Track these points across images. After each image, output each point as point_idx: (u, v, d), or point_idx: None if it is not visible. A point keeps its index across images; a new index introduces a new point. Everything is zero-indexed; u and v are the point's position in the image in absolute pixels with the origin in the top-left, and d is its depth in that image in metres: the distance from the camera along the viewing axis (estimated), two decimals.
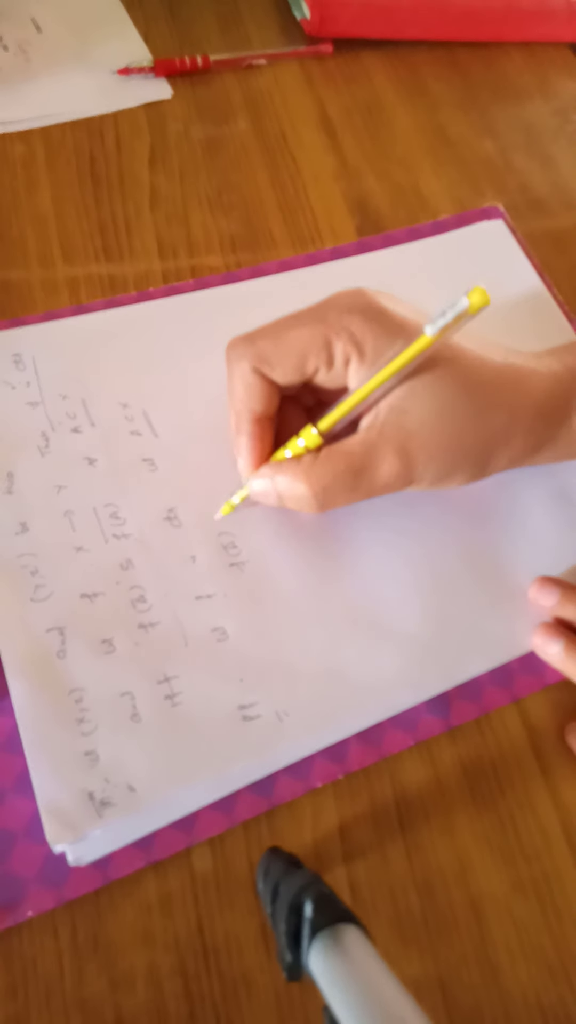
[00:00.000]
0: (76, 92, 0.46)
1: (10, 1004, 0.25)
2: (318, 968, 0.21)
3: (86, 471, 0.33)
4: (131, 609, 0.30)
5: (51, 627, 0.30)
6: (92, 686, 0.29)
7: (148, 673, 0.29)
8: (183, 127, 0.46)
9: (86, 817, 0.26)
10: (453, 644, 0.31)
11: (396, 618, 0.31)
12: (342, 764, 0.29)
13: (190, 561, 0.32)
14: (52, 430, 0.34)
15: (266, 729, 0.29)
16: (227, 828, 0.28)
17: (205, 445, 0.34)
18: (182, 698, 0.29)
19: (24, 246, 0.40)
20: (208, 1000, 0.26)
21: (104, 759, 0.27)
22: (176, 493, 0.33)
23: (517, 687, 0.31)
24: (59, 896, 0.26)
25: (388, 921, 0.27)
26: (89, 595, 0.31)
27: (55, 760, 0.27)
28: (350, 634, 0.31)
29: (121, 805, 0.27)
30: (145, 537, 0.32)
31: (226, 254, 0.41)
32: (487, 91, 0.50)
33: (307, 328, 0.28)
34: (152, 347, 0.37)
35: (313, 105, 0.48)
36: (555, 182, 0.46)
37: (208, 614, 0.31)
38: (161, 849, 0.27)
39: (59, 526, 0.32)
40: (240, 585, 0.31)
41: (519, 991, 0.26)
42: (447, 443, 0.28)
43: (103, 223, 0.42)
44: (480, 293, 0.25)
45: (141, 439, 0.34)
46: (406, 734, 0.30)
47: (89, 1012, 0.25)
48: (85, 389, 0.35)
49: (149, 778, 0.27)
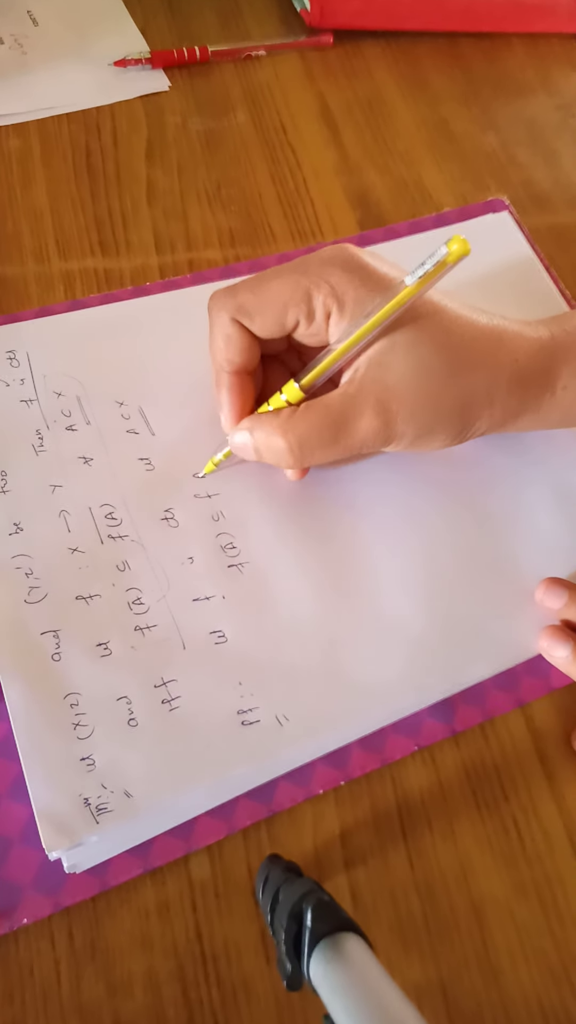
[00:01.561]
0: (72, 85, 0.46)
1: (7, 1010, 0.25)
2: (319, 977, 0.20)
3: (81, 470, 0.33)
4: (128, 611, 0.30)
5: (46, 630, 0.29)
6: (88, 690, 0.28)
7: (145, 677, 0.29)
8: (181, 120, 0.45)
9: (82, 823, 0.26)
10: (457, 648, 0.31)
11: (399, 621, 0.31)
12: (343, 770, 0.29)
13: (188, 562, 0.31)
14: (47, 428, 0.34)
15: (265, 734, 0.28)
16: (226, 835, 0.27)
17: (203, 443, 0.34)
18: (180, 702, 0.28)
19: (19, 241, 0.40)
20: (207, 1006, 0.25)
21: (100, 764, 0.27)
22: (173, 493, 0.33)
23: (522, 691, 0.31)
24: (55, 903, 0.26)
25: (389, 925, 0.27)
26: (85, 597, 0.30)
27: (51, 765, 0.27)
28: (352, 637, 0.30)
29: (118, 811, 0.26)
30: (142, 538, 0.32)
31: (225, 248, 0.41)
32: (489, 84, 0.50)
33: (288, 280, 0.28)
34: (148, 343, 0.36)
35: (313, 98, 0.48)
36: (558, 177, 0.46)
37: (206, 616, 0.30)
38: (159, 856, 0.27)
39: (54, 526, 0.31)
40: (239, 587, 0.31)
41: (521, 994, 0.26)
42: (425, 400, 0.28)
43: (99, 217, 0.41)
44: (460, 242, 0.25)
45: (138, 437, 0.34)
46: (409, 739, 0.29)
47: (87, 1018, 0.25)
48: (80, 386, 0.35)
49: (146, 784, 0.27)
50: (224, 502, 0.33)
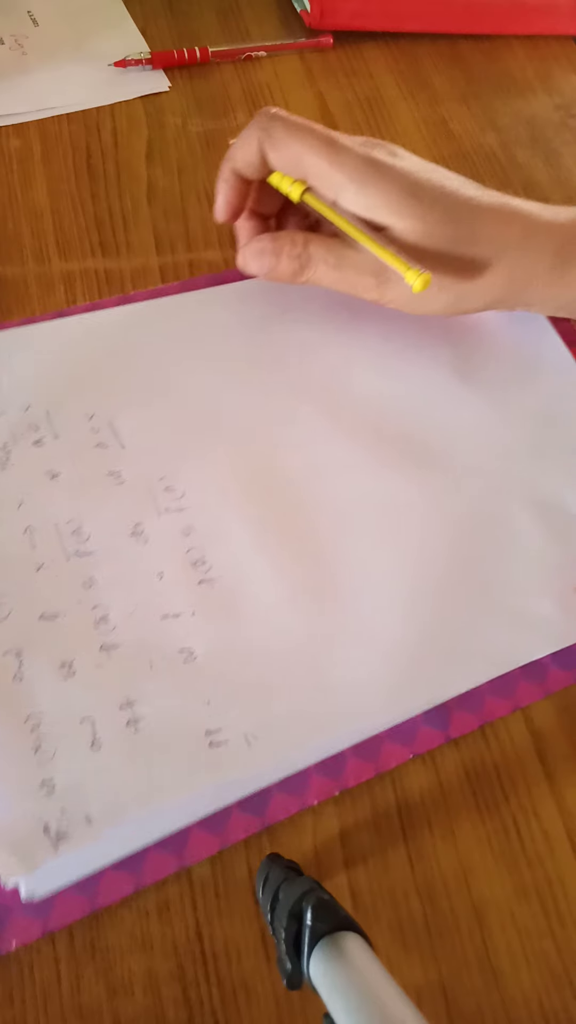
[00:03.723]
0: (72, 85, 0.46)
1: (7, 1010, 0.25)
2: (319, 976, 0.20)
3: (48, 485, 0.32)
4: (93, 630, 0.29)
5: (8, 649, 0.28)
6: (50, 712, 0.27)
7: (110, 697, 0.28)
8: (181, 121, 0.45)
9: (41, 850, 0.25)
10: (438, 659, 0.30)
11: (377, 635, 0.30)
12: (338, 780, 0.28)
13: (157, 578, 0.30)
14: (13, 442, 0.33)
15: (233, 755, 0.27)
16: (219, 849, 0.27)
17: (175, 456, 0.33)
18: (145, 724, 0.28)
19: (20, 241, 0.40)
20: (207, 1006, 0.25)
21: (61, 788, 0.26)
22: (143, 507, 0.32)
23: (519, 696, 0.30)
24: (44, 926, 0.25)
25: (390, 927, 0.27)
26: (49, 616, 0.29)
27: (9, 790, 0.26)
28: (326, 653, 0.30)
29: (77, 837, 0.25)
30: (109, 554, 0.31)
31: (225, 249, 0.41)
32: (489, 85, 0.50)
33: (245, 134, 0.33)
34: (123, 354, 0.36)
35: (313, 98, 0.48)
36: (558, 177, 0.46)
37: (175, 634, 0.29)
38: (151, 872, 0.26)
39: (18, 543, 0.30)
40: (209, 603, 0.30)
41: (521, 996, 0.26)
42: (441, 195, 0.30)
43: (99, 218, 0.41)
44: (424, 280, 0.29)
45: (107, 451, 0.33)
46: (404, 747, 0.29)
47: (87, 1018, 0.25)
48: (50, 399, 0.34)
49: (107, 809, 0.26)
50: (195, 515, 0.32)
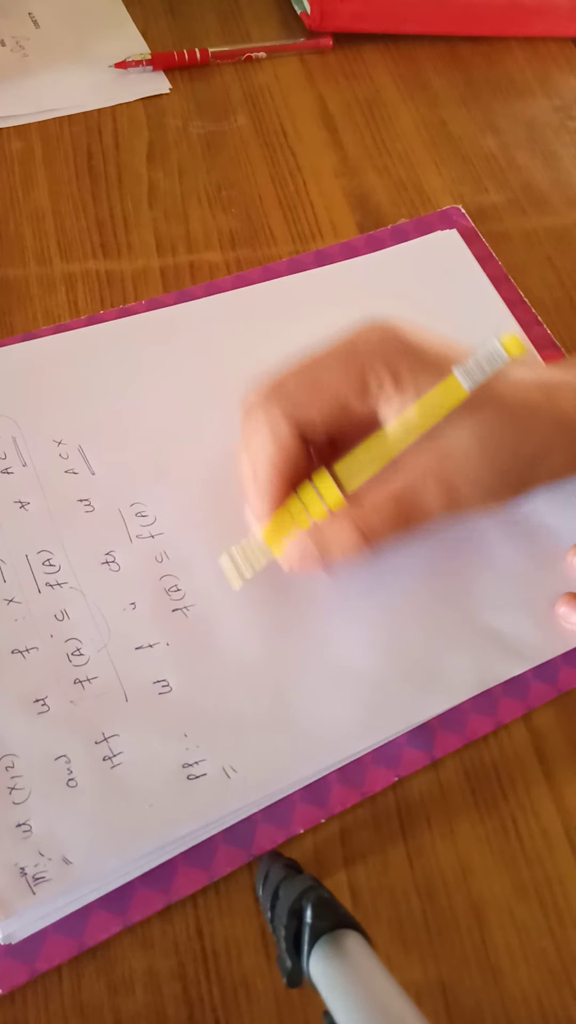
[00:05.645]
0: (73, 87, 0.46)
1: (8, 1009, 0.25)
2: (319, 974, 0.20)
3: (17, 515, 0.31)
4: (67, 664, 0.29)
5: None
6: (24, 751, 0.27)
7: (85, 733, 0.27)
8: (182, 122, 0.45)
9: (18, 895, 0.25)
10: (412, 684, 0.30)
11: (351, 660, 0.30)
12: (324, 807, 0.28)
13: (130, 608, 0.30)
14: None
15: (212, 787, 0.27)
16: (207, 883, 0.26)
17: (146, 479, 0.33)
18: (122, 759, 0.27)
19: (21, 243, 0.40)
20: (207, 1004, 0.25)
21: (37, 830, 0.26)
22: (114, 534, 0.31)
23: (501, 713, 0.30)
24: (32, 970, 0.25)
25: (389, 925, 0.27)
26: (21, 650, 0.29)
27: None
28: (302, 680, 0.29)
29: (56, 880, 0.25)
30: (81, 584, 0.30)
31: (225, 250, 0.41)
32: (489, 86, 0.50)
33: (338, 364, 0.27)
34: (92, 375, 0.35)
35: (313, 100, 0.48)
36: (557, 178, 0.46)
37: (150, 665, 0.29)
38: (137, 911, 0.26)
39: None
40: (184, 632, 0.30)
41: (521, 995, 0.26)
42: (490, 467, 0.28)
43: (101, 219, 0.41)
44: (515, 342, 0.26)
45: (77, 478, 0.32)
46: (389, 770, 0.28)
47: (88, 1016, 0.25)
48: (15, 426, 0.33)
49: (86, 849, 0.25)
50: (168, 541, 0.31)
